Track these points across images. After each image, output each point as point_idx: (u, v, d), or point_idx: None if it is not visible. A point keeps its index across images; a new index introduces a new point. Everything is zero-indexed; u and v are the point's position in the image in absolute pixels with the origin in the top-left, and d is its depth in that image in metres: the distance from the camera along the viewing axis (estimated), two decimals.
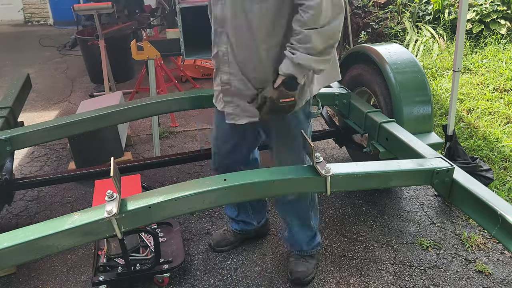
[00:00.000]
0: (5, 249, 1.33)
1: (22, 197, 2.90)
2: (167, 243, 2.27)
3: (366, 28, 5.82)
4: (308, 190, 1.67)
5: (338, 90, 2.62)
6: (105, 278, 2.02)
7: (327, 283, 2.17)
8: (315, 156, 1.60)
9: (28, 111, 4.28)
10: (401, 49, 2.62)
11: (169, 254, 2.18)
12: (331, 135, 3.07)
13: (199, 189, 1.51)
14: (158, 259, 2.07)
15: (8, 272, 2.24)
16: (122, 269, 2.05)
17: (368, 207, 2.74)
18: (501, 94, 4.05)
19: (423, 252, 2.36)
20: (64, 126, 2.25)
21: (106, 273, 2.04)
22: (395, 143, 2.16)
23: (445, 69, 4.66)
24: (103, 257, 2.10)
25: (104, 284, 2.02)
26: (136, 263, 2.08)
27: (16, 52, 6.41)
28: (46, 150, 3.52)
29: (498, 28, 4.99)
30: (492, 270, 2.23)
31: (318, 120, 4.01)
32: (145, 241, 2.21)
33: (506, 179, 2.90)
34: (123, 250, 1.97)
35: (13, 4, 8.29)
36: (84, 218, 1.41)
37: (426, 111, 2.42)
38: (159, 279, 2.13)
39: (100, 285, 2.01)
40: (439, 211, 2.69)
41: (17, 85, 2.83)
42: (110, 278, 2.03)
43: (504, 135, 3.41)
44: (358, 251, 2.38)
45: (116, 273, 2.04)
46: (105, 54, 4.07)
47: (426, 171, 1.73)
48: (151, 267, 2.07)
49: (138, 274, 2.07)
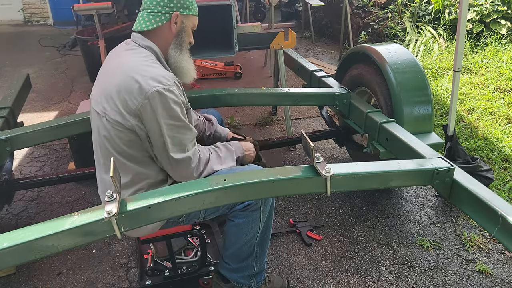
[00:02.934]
0: (5, 249, 1.32)
1: (22, 198, 2.90)
2: (209, 244, 2.26)
3: (366, 28, 5.82)
4: (308, 190, 1.66)
5: (338, 90, 2.62)
6: (153, 282, 2.00)
7: (327, 283, 2.17)
8: (315, 156, 1.59)
9: (28, 111, 4.28)
10: (402, 49, 2.62)
11: (212, 255, 2.17)
12: (331, 135, 3.07)
13: (199, 189, 1.50)
14: (205, 260, 2.04)
15: (8, 272, 2.24)
16: (169, 273, 2.03)
17: (369, 208, 2.74)
18: (501, 94, 4.04)
19: (424, 252, 2.36)
20: (64, 126, 2.25)
21: (153, 277, 2.02)
22: (395, 143, 2.16)
23: (446, 69, 4.66)
24: (150, 260, 2.09)
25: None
26: (183, 266, 2.06)
27: (16, 52, 6.40)
28: (46, 150, 3.51)
29: (498, 28, 4.98)
30: (493, 271, 2.23)
31: (318, 120, 4.01)
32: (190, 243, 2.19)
33: (507, 179, 2.90)
34: (170, 253, 1.94)
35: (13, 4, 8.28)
36: (84, 218, 1.40)
37: (426, 111, 2.41)
38: (204, 281, 2.10)
39: None
40: (439, 211, 2.69)
41: (17, 85, 2.83)
42: (157, 282, 2.01)
43: (504, 135, 3.41)
44: (358, 251, 2.38)
45: (163, 276, 2.03)
46: (105, 54, 4.07)
47: (427, 171, 1.73)
48: (197, 269, 2.05)
49: (185, 277, 2.04)
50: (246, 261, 1.90)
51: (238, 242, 1.86)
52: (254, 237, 1.85)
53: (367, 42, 5.57)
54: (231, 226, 1.85)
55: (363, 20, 6.00)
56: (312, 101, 2.72)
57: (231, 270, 1.93)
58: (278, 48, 3.28)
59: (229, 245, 1.89)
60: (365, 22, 5.93)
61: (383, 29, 5.65)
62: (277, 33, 3.17)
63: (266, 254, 1.97)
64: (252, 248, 1.88)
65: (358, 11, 6.16)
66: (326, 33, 6.83)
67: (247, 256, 1.89)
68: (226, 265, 1.94)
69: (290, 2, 7.88)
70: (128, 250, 2.41)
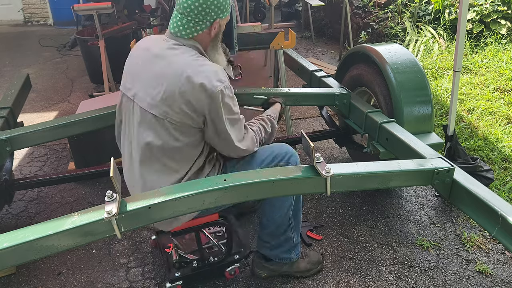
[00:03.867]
0: (5, 249, 1.32)
1: (21, 198, 2.90)
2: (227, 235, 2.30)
3: (366, 28, 5.82)
4: (308, 190, 1.66)
5: (338, 90, 2.62)
6: (182, 274, 2.04)
7: (327, 283, 2.17)
8: (316, 156, 1.59)
9: (28, 111, 4.28)
10: (402, 49, 2.62)
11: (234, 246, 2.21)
12: (331, 135, 3.07)
13: (199, 189, 1.50)
14: (231, 249, 2.09)
15: (8, 272, 2.24)
16: (197, 263, 2.08)
17: (369, 208, 2.74)
18: (501, 94, 4.04)
19: (424, 252, 2.36)
20: (64, 126, 2.25)
21: (182, 269, 2.06)
22: (395, 144, 2.16)
23: (446, 69, 4.66)
24: (175, 253, 2.12)
25: (180, 280, 2.04)
26: (209, 256, 2.11)
27: (15, 52, 6.40)
28: (46, 150, 3.51)
29: (498, 28, 4.98)
30: (493, 271, 2.23)
31: (318, 120, 4.01)
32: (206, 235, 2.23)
33: (507, 180, 2.90)
34: (198, 244, 2.02)
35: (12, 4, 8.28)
36: (83, 218, 1.40)
37: (426, 111, 2.42)
38: (232, 271, 2.13)
39: (177, 282, 2.03)
40: (439, 211, 2.69)
41: (17, 85, 2.83)
42: (186, 273, 2.05)
43: (504, 135, 3.41)
44: (358, 251, 2.38)
45: (191, 267, 2.07)
46: (105, 54, 4.07)
47: (427, 171, 1.73)
48: (224, 258, 2.10)
49: (212, 267, 2.09)
50: (284, 235, 2.02)
51: (274, 218, 1.97)
52: (289, 210, 1.98)
53: (367, 42, 5.57)
54: (265, 205, 1.98)
55: (363, 20, 6.00)
56: (312, 101, 2.72)
57: (272, 247, 2.06)
58: (278, 48, 3.28)
59: (266, 223, 2.00)
60: (365, 22, 5.93)
61: (383, 29, 5.65)
62: (277, 33, 3.16)
63: (300, 225, 2.10)
64: (287, 221, 1.99)
65: (358, 11, 6.16)
66: (326, 33, 6.83)
67: (285, 230, 2.01)
68: (266, 244, 2.06)
69: (290, 2, 7.88)
70: (128, 250, 2.41)
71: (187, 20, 1.68)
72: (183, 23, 1.69)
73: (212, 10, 1.68)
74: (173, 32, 1.72)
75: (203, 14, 1.67)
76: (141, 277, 2.23)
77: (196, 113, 1.64)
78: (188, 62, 1.64)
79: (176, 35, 1.72)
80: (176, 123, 1.64)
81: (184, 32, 1.70)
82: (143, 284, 2.18)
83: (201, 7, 1.65)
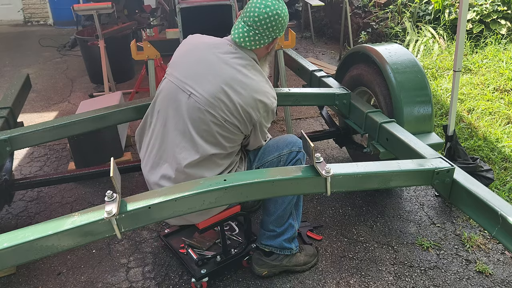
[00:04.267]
0: (5, 249, 1.32)
1: (21, 198, 2.90)
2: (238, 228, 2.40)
3: (366, 28, 5.82)
4: (308, 190, 1.66)
5: (338, 90, 2.62)
6: (207, 270, 2.08)
7: (327, 283, 2.17)
8: (315, 156, 1.59)
9: (28, 111, 4.28)
10: (402, 49, 2.62)
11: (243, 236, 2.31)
12: (331, 135, 3.07)
13: (199, 189, 1.50)
14: (250, 239, 2.19)
15: (8, 272, 2.24)
16: (221, 257, 2.13)
17: (369, 208, 2.74)
18: (501, 94, 4.04)
19: (424, 252, 2.36)
20: (64, 126, 2.25)
21: (206, 265, 2.09)
22: (395, 144, 2.16)
23: (446, 69, 4.66)
24: (193, 252, 2.18)
25: (206, 276, 2.08)
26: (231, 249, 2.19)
27: (15, 52, 6.40)
28: (46, 150, 3.52)
29: (498, 28, 4.98)
30: (493, 271, 2.23)
31: (318, 120, 4.01)
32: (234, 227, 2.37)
33: (507, 180, 2.90)
34: (222, 238, 2.10)
35: (12, 4, 8.28)
36: (83, 218, 1.40)
37: (426, 111, 2.42)
38: (248, 260, 2.22)
39: (203, 278, 2.07)
40: (439, 211, 2.69)
41: (17, 85, 2.83)
42: (212, 268, 2.09)
43: (504, 135, 3.41)
44: (358, 251, 2.38)
45: (215, 262, 2.12)
46: (105, 54, 4.07)
47: (427, 171, 1.73)
48: (245, 248, 2.18)
49: (235, 258, 2.17)
50: (288, 222, 2.11)
51: (279, 207, 2.05)
52: (293, 199, 2.06)
53: (367, 42, 5.57)
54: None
55: (363, 20, 6.00)
56: (312, 101, 2.72)
57: (276, 235, 2.11)
58: (278, 48, 3.28)
59: (273, 210, 2.07)
60: (365, 22, 5.93)
61: (383, 29, 5.65)
62: None
63: (301, 215, 2.18)
64: (290, 210, 2.09)
65: (358, 11, 6.16)
66: (326, 33, 6.83)
67: (288, 217, 2.10)
68: (271, 233, 2.11)
69: (290, 2, 7.88)
70: (128, 250, 2.41)
71: (254, 33, 1.80)
72: (249, 35, 1.80)
73: (278, 28, 1.81)
74: (237, 42, 1.82)
75: (270, 31, 1.80)
76: (141, 277, 2.23)
77: (251, 123, 1.82)
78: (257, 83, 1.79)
79: (240, 45, 1.82)
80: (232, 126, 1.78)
81: (248, 43, 1.81)
82: (143, 284, 2.18)
83: (271, 23, 1.78)
